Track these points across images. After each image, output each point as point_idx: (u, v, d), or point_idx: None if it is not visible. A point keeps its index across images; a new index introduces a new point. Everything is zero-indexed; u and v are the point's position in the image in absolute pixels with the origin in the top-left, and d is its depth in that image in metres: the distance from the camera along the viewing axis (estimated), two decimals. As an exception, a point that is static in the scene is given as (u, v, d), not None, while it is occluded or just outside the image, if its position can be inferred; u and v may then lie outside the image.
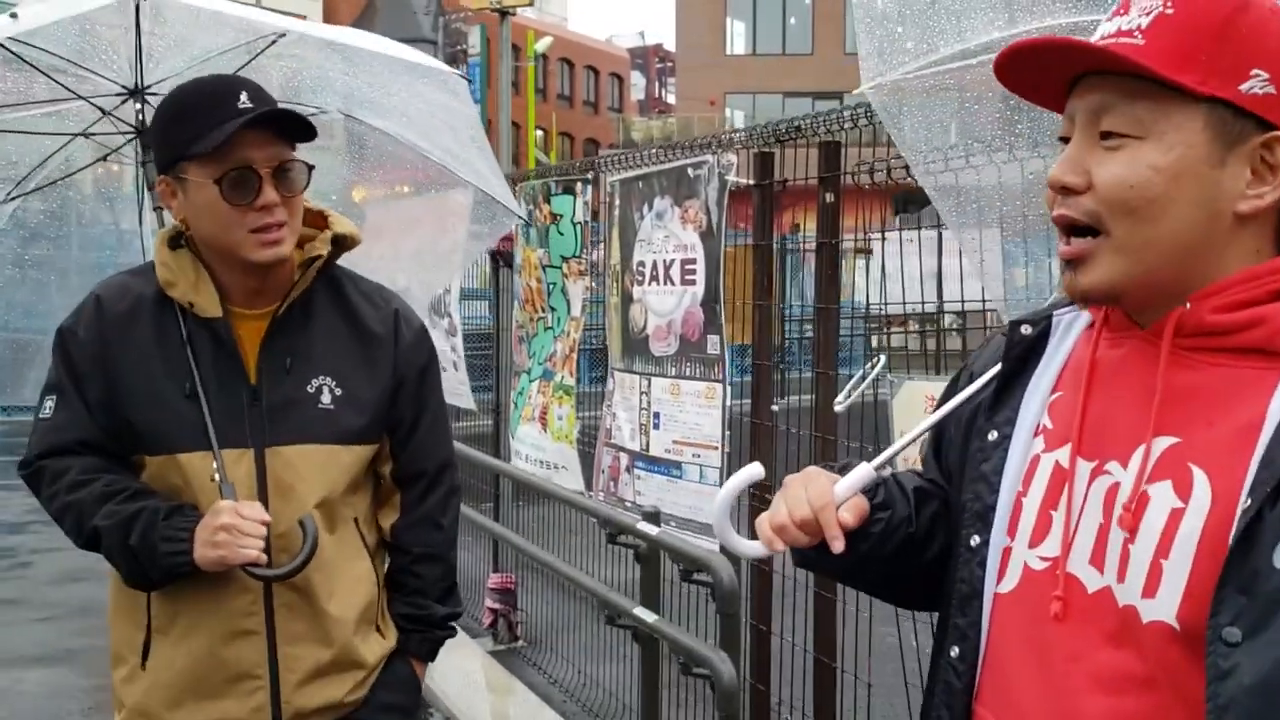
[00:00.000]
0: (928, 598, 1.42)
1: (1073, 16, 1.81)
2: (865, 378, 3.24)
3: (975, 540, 1.26)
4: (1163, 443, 1.10)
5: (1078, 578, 1.15)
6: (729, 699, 3.02)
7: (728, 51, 38.45)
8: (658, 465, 4.10)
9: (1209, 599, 1.02)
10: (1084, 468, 1.17)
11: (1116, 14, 1.15)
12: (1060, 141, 1.19)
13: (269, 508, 1.89)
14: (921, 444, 1.54)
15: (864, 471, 1.33)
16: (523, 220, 4.71)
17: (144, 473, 1.97)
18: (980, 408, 1.32)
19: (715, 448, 3.78)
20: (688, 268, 3.90)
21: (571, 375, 4.96)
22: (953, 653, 1.26)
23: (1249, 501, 1.01)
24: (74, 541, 1.99)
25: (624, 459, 4.34)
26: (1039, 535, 1.20)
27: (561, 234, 4.81)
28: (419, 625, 2.14)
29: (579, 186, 4.72)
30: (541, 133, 36.76)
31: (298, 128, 1.92)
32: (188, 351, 1.92)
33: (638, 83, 53.65)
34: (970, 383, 1.36)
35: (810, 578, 3.62)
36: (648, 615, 3.58)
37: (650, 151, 4.38)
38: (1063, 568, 1.16)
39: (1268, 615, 0.98)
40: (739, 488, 1.41)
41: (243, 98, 1.87)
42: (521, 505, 6.23)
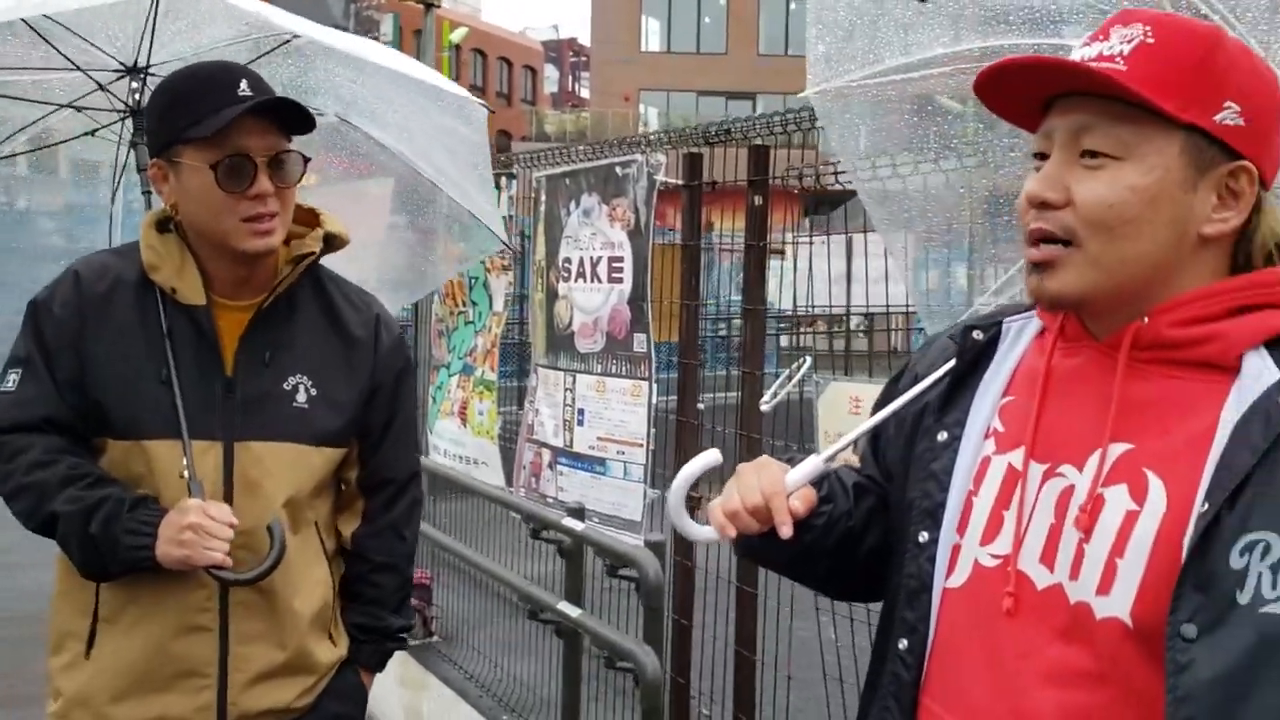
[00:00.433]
0: (869, 590, 1.47)
1: (1015, 39, 1.88)
2: (791, 377, 3.29)
3: (924, 537, 1.30)
4: (1118, 448, 1.16)
5: (1027, 575, 1.20)
6: (653, 692, 3.06)
7: (643, 48, 38.50)
8: (581, 461, 4.12)
9: (1163, 597, 1.07)
10: (1036, 470, 1.23)
11: (1095, 39, 1.20)
12: (1036, 157, 1.23)
13: (234, 503, 1.86)
14: (857, 442, 1.59)
15: (814, 463, 1.36)
16: (510, 249, 4.61)
17: (104, 457, 1.91)
18: (928, 408, 1.36)
19: (640, 445, 3.82)
20: (615, 265, 3.93)
21: (493, 370, 4.95)
22: (900, 645, 1.30)
23: (1206, 506, 1.07)
24: (24, 523, 1.91)
25: (546, 455, 4.35)
26: (990, 534, 1.25)
27: (485, 228, 4.79)
28: (372, 636, 2.10)
29: (504, 181, 4.71)
30: (454, 123, 36.26)
31: (296, 119, 1.89)
32: (165, 337, 1.88)
33: (551, 76, 53.31)
34: (914, 384, 1.40)
35: (732, 572, 3.69)
36: (572, 610, 3.60)
37: (578, 149, 4.39)
38: (1014, 565, 1.21)
39: (1223, 613, 1.05)
40: (696, 474, 1.42)
41: (243, 85, 1.84)
42: (435, 499, 6.18)
